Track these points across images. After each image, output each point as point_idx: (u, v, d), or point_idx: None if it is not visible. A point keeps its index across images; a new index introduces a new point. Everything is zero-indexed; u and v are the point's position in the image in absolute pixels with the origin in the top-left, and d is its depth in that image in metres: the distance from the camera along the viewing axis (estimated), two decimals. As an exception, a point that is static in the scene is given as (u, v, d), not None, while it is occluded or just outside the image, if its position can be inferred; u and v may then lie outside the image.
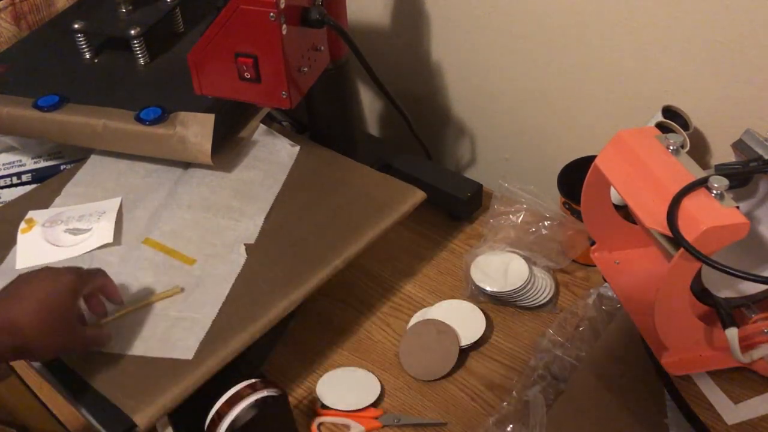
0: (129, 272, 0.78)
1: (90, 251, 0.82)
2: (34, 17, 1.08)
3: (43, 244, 0.83)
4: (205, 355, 0.70)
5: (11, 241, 0.84)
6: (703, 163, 0.89)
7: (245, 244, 0.81)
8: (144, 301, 0.75)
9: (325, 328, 0.86)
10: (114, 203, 0.87)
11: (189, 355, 0.70)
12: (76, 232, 0.84)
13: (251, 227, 0.83)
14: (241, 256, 0.80)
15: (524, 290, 0.84)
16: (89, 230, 0.84)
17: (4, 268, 0.81)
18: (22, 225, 0.85)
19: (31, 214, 0.87)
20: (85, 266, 0.78)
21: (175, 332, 0.72)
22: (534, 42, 0.96)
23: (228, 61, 0.77)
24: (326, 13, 0.78)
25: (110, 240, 0.82)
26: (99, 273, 0.71)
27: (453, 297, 0.87)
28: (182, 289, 0.76)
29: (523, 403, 0.74)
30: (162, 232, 0.82)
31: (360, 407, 0.76)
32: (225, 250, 0.81)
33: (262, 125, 0.95)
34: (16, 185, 0.97)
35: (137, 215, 0.86)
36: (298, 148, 0.94)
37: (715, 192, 0.61)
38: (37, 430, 1.11)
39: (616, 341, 0.77)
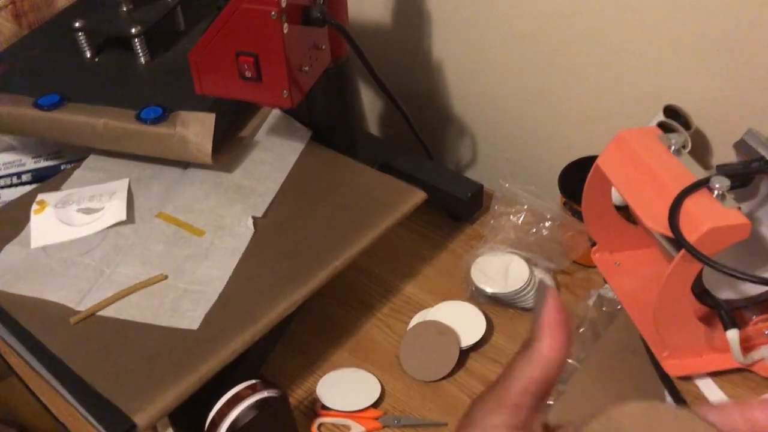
0: (141, 243, 0.81)
1: (104, 229, 0.83)
2: (34, 16, 1.08)
3: (56, 223, 0.85)
4: (206, 355, 0.70)
5: (24, 223, 0.85)
6: (704, 163, 0.88)
7: (253, 217, 0.83)
8: (126, 291, 0.76)
9: (325, 328, 0.86)
10: (122, 184, 0.89)
11: (194, 325, 0.72)
12: (88, 211, 0.86)
13: (259, 203, 0.85)
14: (248, 230, 0.82)
15: (525, 291, 0.84)
16: (102, 209, 0.85)
17: (19, 243, 0.83)
18: (34, 206, 0.87)
19: (41, 196, 0.89)
20: (100, 242, 0.82)
21: (183, 303, 0.74)
22: (534, 42, 0.96)
23: (229, 60, 0.77)
24: (327, 12, 0.78)
25: (123, 218, 0.84)
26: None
27: (453, 298, 0.87)
28: (165, 276, 0.77)
29: (523, 403, 0.73)
30: (175, 206, 0.85)
31: (360, 408, 0.76)
32: (233, 221, 0.83)
33: (276, 110, 0.96)
34: (16, 185, 0.97)
35: (153, 189, 0.88)
36: (310, 132, 0.95)
37: (716, 192, 0.61)
38: (37, 430, 1.11)
39: (617, 342, 0.77)
